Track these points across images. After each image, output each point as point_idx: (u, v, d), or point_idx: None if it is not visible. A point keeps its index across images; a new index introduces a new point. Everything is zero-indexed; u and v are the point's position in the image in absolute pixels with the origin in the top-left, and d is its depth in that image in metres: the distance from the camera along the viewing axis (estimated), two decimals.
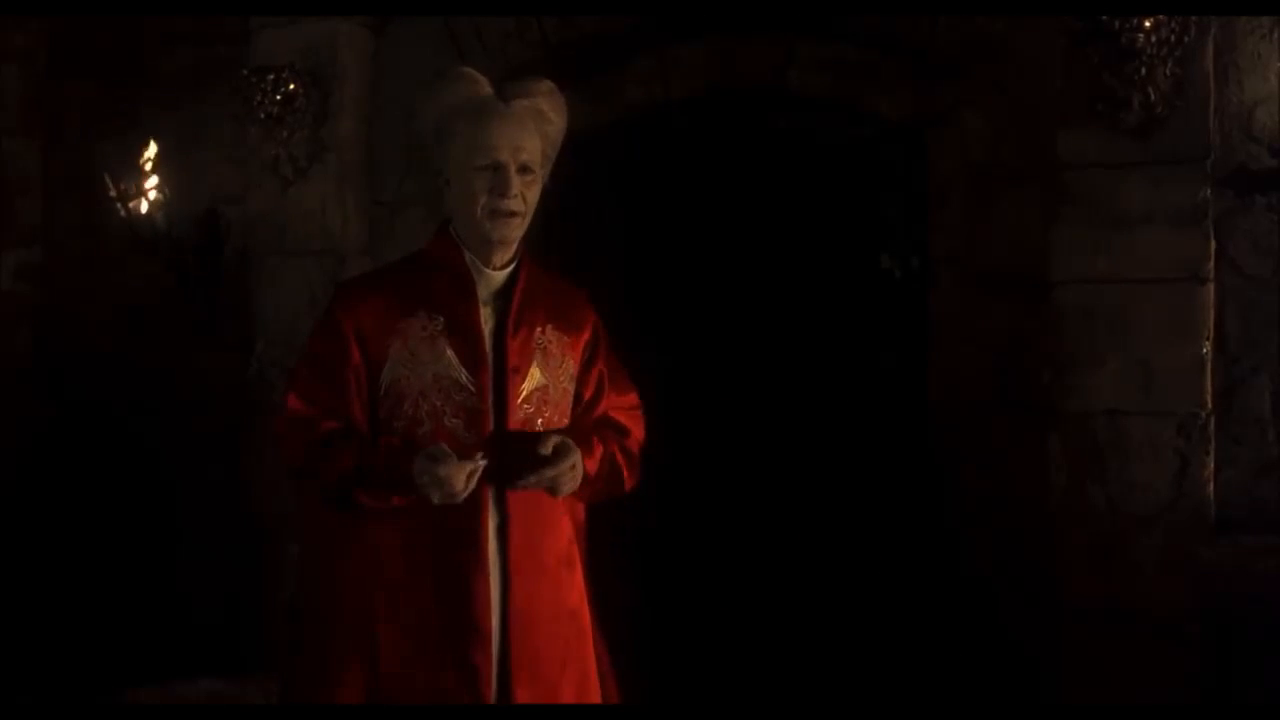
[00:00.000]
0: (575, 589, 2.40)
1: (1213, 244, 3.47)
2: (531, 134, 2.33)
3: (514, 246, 2.39)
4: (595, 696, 2.40)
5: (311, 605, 2.47)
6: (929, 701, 4.04)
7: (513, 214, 2.31)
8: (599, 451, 2.37)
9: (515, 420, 2.31)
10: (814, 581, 4.34)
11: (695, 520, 4.46)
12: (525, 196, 2.33)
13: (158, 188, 4.45)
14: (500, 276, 2.38)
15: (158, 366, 4.71)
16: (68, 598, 4.69)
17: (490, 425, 2.30)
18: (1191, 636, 3.41)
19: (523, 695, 2.28)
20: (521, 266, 2.39)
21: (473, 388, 2.30)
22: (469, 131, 2.31)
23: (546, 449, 2.26)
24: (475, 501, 2.25)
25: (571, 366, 2.42)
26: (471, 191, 2.31)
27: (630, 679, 2.53)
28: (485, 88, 2.36)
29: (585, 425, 2.41)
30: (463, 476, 2.18)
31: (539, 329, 2.37)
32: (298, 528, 3.41)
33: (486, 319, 2.35)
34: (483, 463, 2.19)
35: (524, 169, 2.32)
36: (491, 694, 2.27)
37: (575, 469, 2.29)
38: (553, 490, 2.28)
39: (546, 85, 2.39)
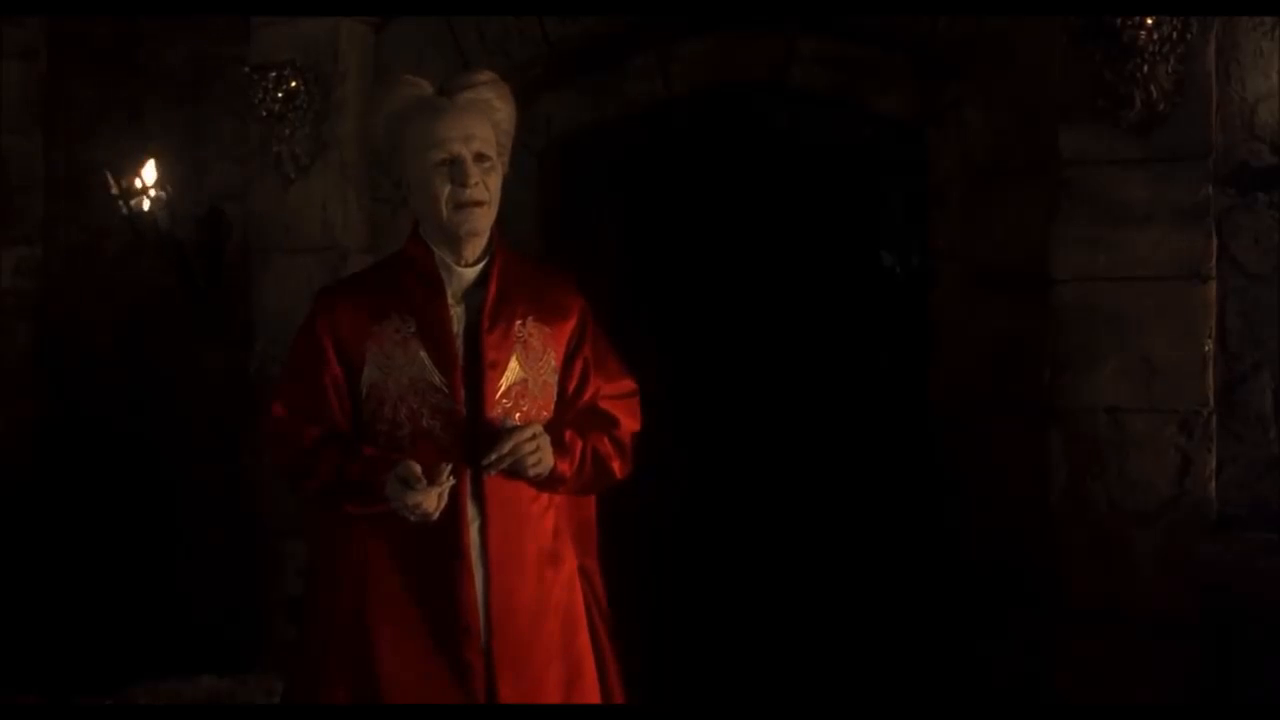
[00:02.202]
0: (562, 585, 2.37)
1: (1214, 241, 3.46)
2: (481, 123, 2.31)
3: (484, 239, 2.36)
4: (592, 694, 2.37)
5: (312, 605, 2.46)
6: (930, 700, 4.03)
7: (477, 203, 2.29)
8: (576, 448, 2.34)
9: (492, 416, 2.29)
10: (814, 580, 4.33)
11: (697, 518, 4.46)
12: (486, 184, 2.30)
13: (159, 185, 4.45)
14: (472, 272, 2.35)
15: (158, 365, 4.72)
16: (68, 596, 4.69)
17: (466, 424, 2.28)
18: (1191, 635, 3.40)
19: (507, 692, 2.26)
20: (495, 259, 2.36)
21: (445, 389, 2.28)
22: (418, 131, 2.29)
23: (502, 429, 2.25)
24: (453, 502, 2.23)
25: (553, 359, 2.38)
26: (432, 190, 2.28)
27: (632, 678, 2.51)
28: (426, 88, 2.34)
29: (566, 422, 2.37)
30: (432, 500, 2.17)
31: (518, 321, 2.34)
32: (303, 527, 3.42)
33: (459, 317, 2.32)
34: (450, 482, 2.18)
35: (480, 157, 2.29)
36: (483, 692, 2.26)
37: (536, 439, 2.25)
38: (522, 466, 2.25)
39: (487, 75, 2.37)
